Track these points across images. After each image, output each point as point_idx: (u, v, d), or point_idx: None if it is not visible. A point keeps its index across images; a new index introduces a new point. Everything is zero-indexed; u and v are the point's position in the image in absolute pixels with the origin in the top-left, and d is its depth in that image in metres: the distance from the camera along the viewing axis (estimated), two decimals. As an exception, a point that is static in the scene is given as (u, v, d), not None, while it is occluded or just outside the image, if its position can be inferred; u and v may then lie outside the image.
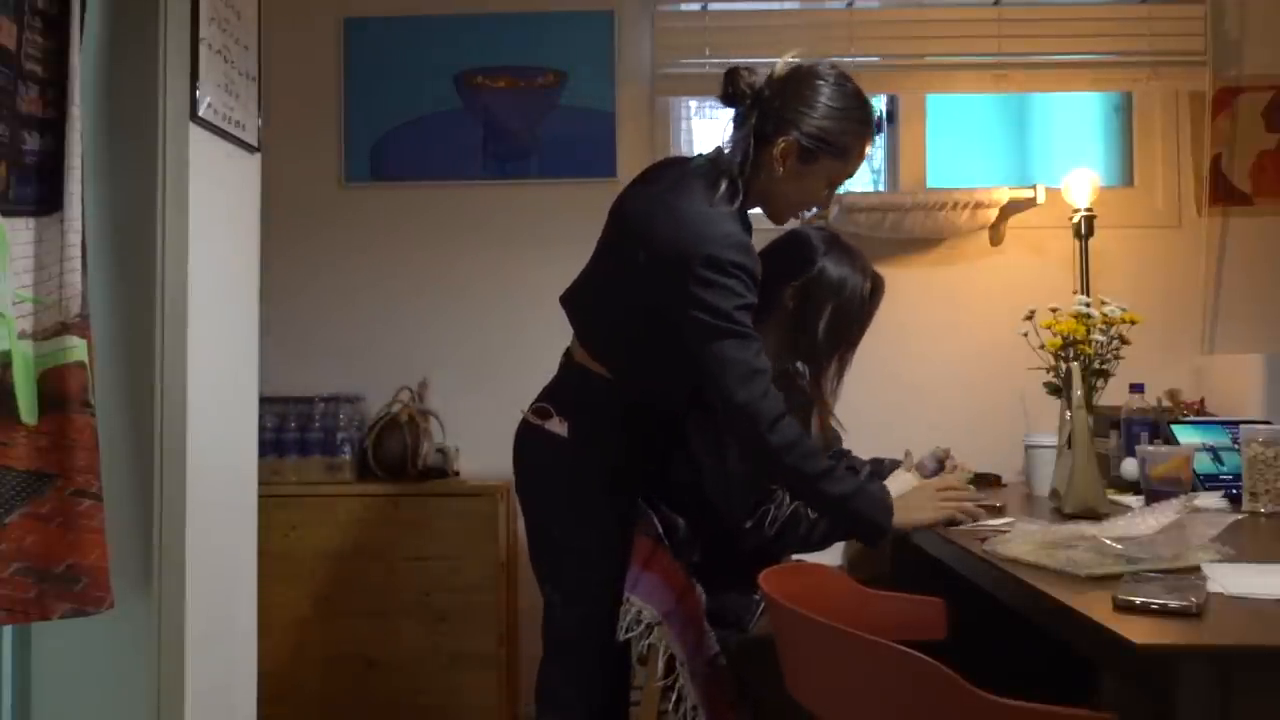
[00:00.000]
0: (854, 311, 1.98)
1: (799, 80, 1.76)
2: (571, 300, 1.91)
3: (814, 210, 1.82)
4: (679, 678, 1.77)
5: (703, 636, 1.86)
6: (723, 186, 1.72)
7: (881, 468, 2.14)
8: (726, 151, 1.78)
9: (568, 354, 1.91)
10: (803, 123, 1.72)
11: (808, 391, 2.00)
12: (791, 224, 1.99)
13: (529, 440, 1.88)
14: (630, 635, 1.77)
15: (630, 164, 3.04)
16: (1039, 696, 1.17)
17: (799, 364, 1.99)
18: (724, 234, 1.68)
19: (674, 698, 1.77)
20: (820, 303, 1.95)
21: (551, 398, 1.87)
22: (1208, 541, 1.51)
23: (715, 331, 1.66)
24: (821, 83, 1.75)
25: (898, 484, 1.95)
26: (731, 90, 1.77)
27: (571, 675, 1.85)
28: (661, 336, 1.73)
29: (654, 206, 1.75)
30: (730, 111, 1.81)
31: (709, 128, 3.70)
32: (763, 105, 1.76)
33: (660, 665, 1.77)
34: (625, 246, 1.78)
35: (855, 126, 1.76)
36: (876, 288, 2.01)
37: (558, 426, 1.82)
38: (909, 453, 2.13)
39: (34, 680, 1.67)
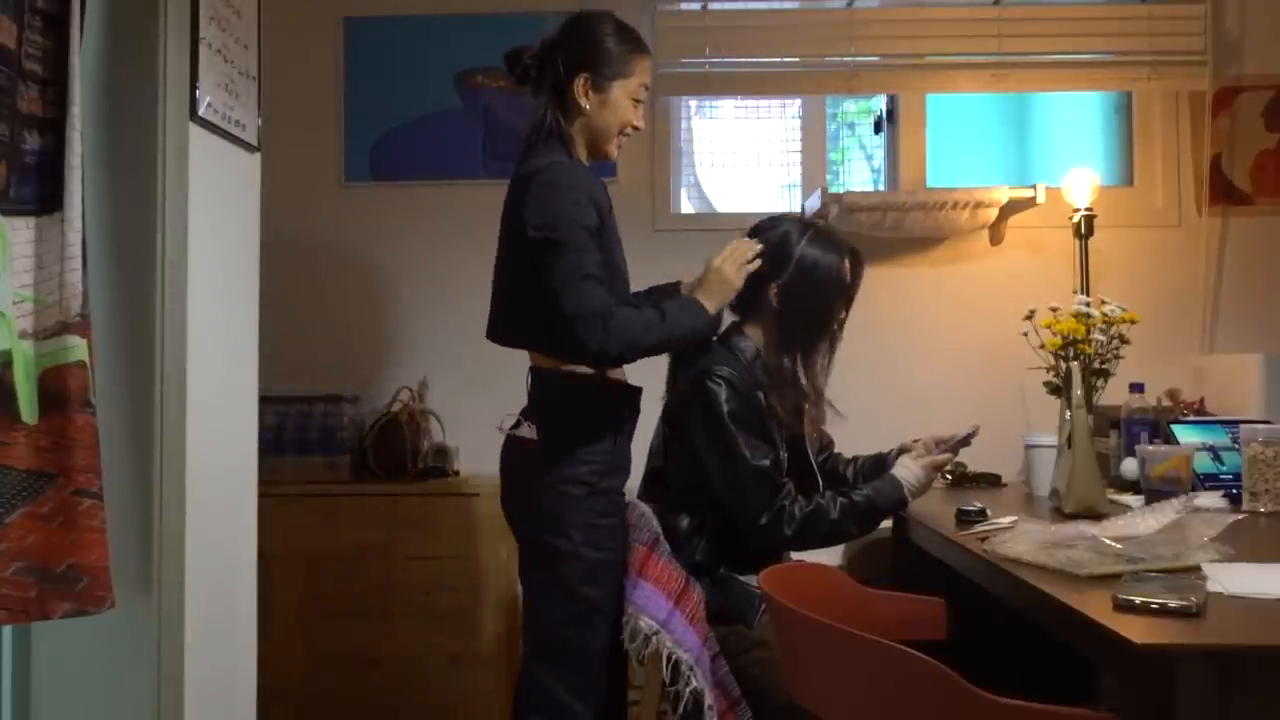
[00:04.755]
0: (836, 291, 2.03)
1: (573, 26, 1.92)
2: (495, 325, 1.94)
3: (634, 131, 1.96)
4: (691, 680, 1.76)
5: (705, 635, 1.86)
6: (552, 144, 1.88)
7: (884, 461, 2.15)
8: (538, 116, 1.91)
9: (529, 370, 1.92)
10: (584, 59, 1.87)
11: (803, 388, 2.00)
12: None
13: (506, 452, 1.90)
14: (632, 645, 1.78)
15: (630, 164, 3.04)
16: (1039, 696, 1.17)
17: (787, 359, 2.00)
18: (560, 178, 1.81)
19: (679, 698, 1.77)
20: (803, 290, 1.99)
21: (523, 410, 1.90)
22: (1207, 541, 1.51)
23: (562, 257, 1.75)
24: (590, 21, 1.91)
25: (903, 471, 2.02)
26: (519, 69, 1.92)
27: (574, 682, 1.80)
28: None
29: (512, 187, 1.88)
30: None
31: (709, 127, 3.70)
32: (549, 63, 1.90)
33: (666, 672, 1.77)
34: (508, 233, 1.90)
35: (629, 46, 1.90)
36: (856, 265, 2.07)
37: (528, 431, 1.85)
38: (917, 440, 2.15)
39: (34, 680, 1.67)
